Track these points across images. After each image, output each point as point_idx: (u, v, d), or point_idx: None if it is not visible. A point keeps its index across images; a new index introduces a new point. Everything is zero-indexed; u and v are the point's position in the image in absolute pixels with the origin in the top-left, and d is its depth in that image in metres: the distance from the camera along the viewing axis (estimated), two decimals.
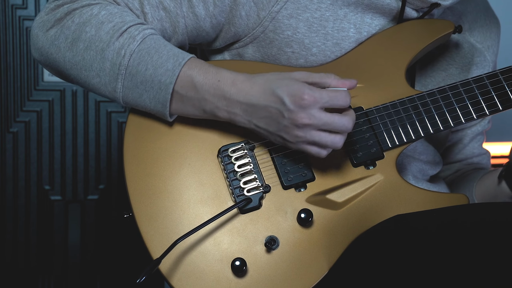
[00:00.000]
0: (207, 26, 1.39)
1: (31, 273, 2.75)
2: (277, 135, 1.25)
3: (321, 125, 1.22)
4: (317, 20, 1.40)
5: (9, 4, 2.70)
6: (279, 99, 1.22)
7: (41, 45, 1.32)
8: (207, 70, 1.27)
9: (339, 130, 1.23)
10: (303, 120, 1.21)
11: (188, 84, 1.26)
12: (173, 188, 1.30)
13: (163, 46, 1.28)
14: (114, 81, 1.27)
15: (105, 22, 1.28)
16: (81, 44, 1.28)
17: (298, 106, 1.21)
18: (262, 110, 1.24)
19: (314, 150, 1.25)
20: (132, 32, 1.27)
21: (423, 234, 1.21)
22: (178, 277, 1.27)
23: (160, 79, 1.26)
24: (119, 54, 1.26)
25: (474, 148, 1.68)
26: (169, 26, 1.36)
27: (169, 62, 1.26)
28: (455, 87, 1.40)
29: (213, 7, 1.37)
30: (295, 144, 1.25)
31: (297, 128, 1.22)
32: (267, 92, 1.23)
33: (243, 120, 1.26)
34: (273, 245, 1.29)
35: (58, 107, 2.74)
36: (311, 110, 1.21)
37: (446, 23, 1.47)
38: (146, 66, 1.26)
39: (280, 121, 1.23)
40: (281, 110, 1.22)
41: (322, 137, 1.23)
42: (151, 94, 1.27)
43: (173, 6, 1.35)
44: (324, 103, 1.22)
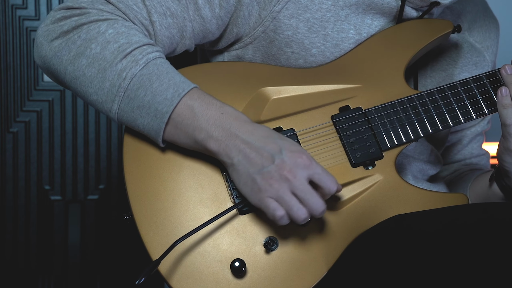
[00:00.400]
0: (213, 28, 1.39)
1: (31, 273, 2.75)
2: (251, 178, 1.22)
3: (300, 190, 1.20)
4: (318, 20, 1.40)
5: (9, 4, 2.70)
6: (278, 148, 1.21)
7: (44, 54, 1.31)
8: (211, 102, 1.25)
9: (310, 205, 1.21)
10: (289, 174, 1.19)
11: (186, 112, 1.24)
12: (173, 190, 1.30)
13: (165, 73, 1.27)
14: (111, 101, 1.27)
15: (111, 41, 1.27)
16: (84, 60, 1.27)
17: (292, 161, 1.20)
18: (255, 150, 1.22)
19: (272, 205, 1.21)
20: (136, 56, 1.26)
21: (422, 234, 1.22)
22: (178, 278, 1.27)
23: (157, 107, 1.25)
24: (120, 76, 1.25)
25: (473, 148, 1.68)
26: (177, 32, 1.35)
27: (168, 91, 1.25)
28: (454, 87, 1.40)
29: (219, 9, 1.37)
30: (261, 192, 1.21)
31: (277, 178, 1.20)
32: (268, 138, 1.23)
33: (231, 154, 1.23)
34: (272, 246, 1.29)
35: (58, 107, 2.74)
36: (300, 171, 1.20)
37: (445, 22, 1.46)
38: (145, 92, 1.25)
39: (265, 165, 1.21)
40: (274, 156, 1.20)
41: (292, 199, 1.20)
42: (145, 120, 1.26)
43: (180, 11, 1.34)
44: (315, 174, 1.21)
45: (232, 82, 1.38)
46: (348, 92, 1.39)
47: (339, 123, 1.37)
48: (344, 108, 1.38)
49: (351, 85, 1.39)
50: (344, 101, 1.38)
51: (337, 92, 1.38)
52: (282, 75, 1.39)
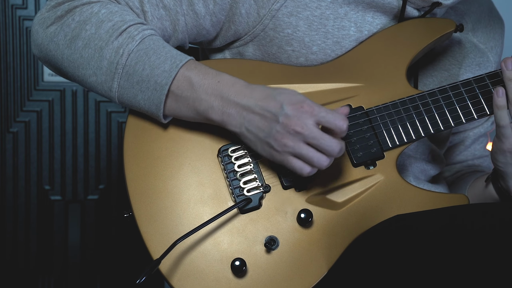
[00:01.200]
0: (207, 24, 1.39)
1: (31, 273, 2.75)
2: (265, 142, 1.24)
3: (311, 138, 1.21)
4: (318, 18, 1.40)
5: (9, 4, 2.70)
6: (279, 104, 1.22)
7: (41, 41, 1.32)
8: (207, 72, 1.27)
9: (325, 149, 1.22)
10: (296, 127, 1.20)
11: (185, 84, 1.25)
12: (173, 188, 1.30)
13: (161, 47, 1.28)
14: (111, 80, 1.27)
15: (105, 20, 1.28)
16: (80, 42, 1.28)
17: (295, 112, 1.21)
18: (257, 114, 1.23)
19: (297, 164, 1.23)
20: (132, 32, 1.27)
21: (423, 235, 1.21)
22: (178, 277, 1.27)
23: (156, 80, 1.25)
24: (117, 53, 1.26)
25: (475, 150, 1.68)
26: (169, 25, 1.36)
27: (166, 63, 1.26)
28: (456, 87, 1.40)
29: (213, 5, 1.37)
30: (281, 154, 1.23)
31: (288, 135, 1.21)
32: (268, 97, 1.23)
33: (235, 123, 1.25)
34: (273, 245, 1.28)
35: (58, 107, 2.74)
36: (306, 119, 1.21)
37: (447, 22, 1.46)
38: (143, 66, 1.26)
39: (272, 125, 1.22)
40: (277, 114, 1.21)
41: (309, 151, 1.22)
42: (146, 94, 1.26)
43: (173, 4, 1.35)
44: (321, 117, 1.22)
45: None
46: (349, 91, 1.38)
47: None
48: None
49: (353, 84, 1.39)
50: (345, 100, 1.38)
51: (339, 91, 1.38)
52: (283, 73, 1.39)
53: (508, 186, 1.40)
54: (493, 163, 1.40)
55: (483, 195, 1.50)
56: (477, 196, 1.52)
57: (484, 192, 1.49)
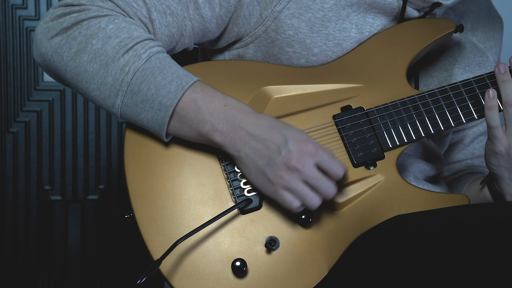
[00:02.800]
0: (213, 27, 1.39)
1: (31, 273, 2.75)
2: (261, 171, 1.24)
3: (310, 177, 1.22)
4: (319, 20, 1.40)
5: (9, 4, 2.70)
6: (283, 138, 1.23)
7: (44, 51, 1.31)
8: (214, 94, 1.26)
9: (323, 191, 1.23)
10: (297, 164, 1.21)
11: (190, 106, 1.25)
12: (174, 189, 1.30)
13: (168, 67, 1.27)
14: (114, 96, 1.26)
15: (112, 36, 1.26)
16: (85, 56, 1.27)
17: (298, 150, 1.22)
18: (261, 142, 1.23)
19: (288, 197, 1.23)
20: (138, 50, 1.26)
21: (423, 235, 1.21)
22: (179, 278, 1.27)
23: (161, 101, 1.25)
24: (123, 71, 1.25)
25: (475, 149, 1.68)
26: (176, 31, 1.35)
27: (172, 85, 1.25)
28: (456, 87, 1.40)
29: (219, 8, 1.37)
30: (273, 185, 1.23)
31: (286, 169, 1.22)
32: (274, 128, 1.24)
33: (237, 147, 1.25)
34: (273, 245, 1.28)
35: (58, 107, 2.74)
36: (308, 159, 1.22)
37: (447, 22, 1.46)
38: (148, 86, 1.25)
39: (273, 157, 1.22)
40: (280, 147, 1.22)
41: (304, 189, 1.23)
42: (149, 114, 1.26)
43: (180, 9, 1.34)
44: (322, 160, 1.23)
45: (234, 81, 1.37)
46: (349, 92, 1.39)
47: (340, 123, 1.36)
48: (345, 108, 1.38)
49: (353, 85, 1.39)
50: (345, 100, 1.38)
51: (339, 92, 1.38)
52: (284, 74, 1.39)
53: (502, 189, 1.40)
54: (487, 165, 1.40)
55: (477, 198, 1.50)
56: (473, 198, 1.52)
57: (479, 195, 1.50)
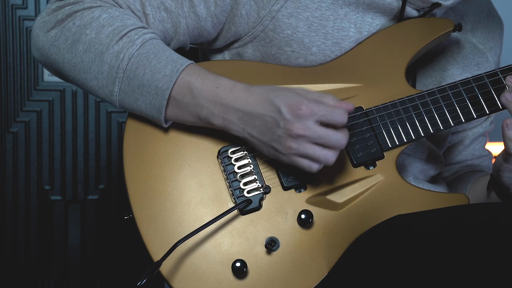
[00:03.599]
0: (208, 26, 1.39)
1: (31, 273, 2.75)
2: (270, 146, 1.24)
3: (315, 138, 1.22)
4: (317, 19, 1.40)
5: (9, 4, 2.70)
6: (276, 108, 1.22)
7: (41, 45, 1.32)
8: (206, 77, 1.26)
9: (332, 145, 1.23)
10: (298, 130, 1.21)
11: (185, 90, 1.25)
12: (173, 190, 1.30)
13: (162, 51, 1.28)
14: (111, 84, 1.27)
15: (106, 25, 1.28)
16: (80, 46, 1.28)
17: (294, 116, 1.21)
18: (258, 119, 1.23)
19: (305, 164, 1.24)
20: (132, 36, 1.27)
21: (423, 235, 1.21)
22: (179, 279, 1.27)
23: (157, 84, 1.25)
24: (118, 58, 1.26)
25: (475, 150, 1.68)
26: (171, 27, 1.36)
27: (167, 68, 1.26)
28: (455, 87, 1.40)
29: (214, 7, 1.37)
30: (287, 156, 1.24)
31: (291, 138, 1.22)
32: (265, 101, 1.23)
33: (238, 128, 1.25)
34: (273, 246, 1.28)
35: (58, 107, 2.74)
36: (307, 121, 1.21)
37: (445, 21, 1.46)
38: (144, 71, 1.26)
39: (274, 130, 1.22)
40: (277, 119, 1.22)
41: (315, 151, 1.23)
42: (147, 99, 1.26)
43: (174, 6, 1.35)
44: (321, 116, 1.22)
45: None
46: (349, 92, 1.38)
47: None
48: None
49: (352, 84, 1.39)
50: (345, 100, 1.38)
51: (338, 91, 1.38)
52: (283, 74, 1.39)
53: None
54: (496, 176, 1.39)
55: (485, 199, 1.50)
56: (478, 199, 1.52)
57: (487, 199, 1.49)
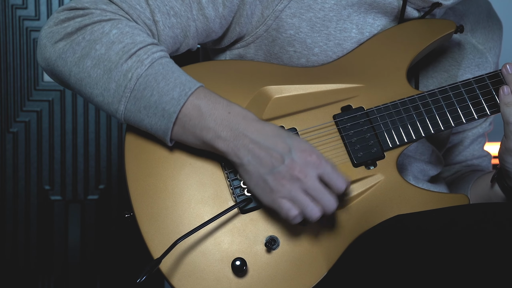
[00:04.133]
0: (216, 27, 1.39)
1: (31, 273, 2.75)
2: (262, 178, 1.23)
3: (312, 188, 1.22)
4: (320, 20, 1.40)
5: (9, 4, 2.70)
6: (287, 147, 1.22)
7: (48, 56, 1.30)
8: (217, 101, 1.25)
9: (323, 203, 1.23)
10: (300, 174, 1.21)
11: (194, 112, 1.24)
12: (174, 188, 1.30)
13: (171, 73, 1.26)
14: (117, 102, 1.26)
15: (116, 42, 1.26)
16: (89, 61, 1.27)
17: (302, 160, 1.21)
18: (264, 151, 1.23)
19: (286, 205, 1.22)
20: (141, 56, 1.25)
21: (423, 234, 1.22)
22: (179, 277, 1.27)
23: (164, 107, 1.24)
24: (126, 77, 1.25)
25: (474, 150, 1.68)
26: (180, 32, 1.35)
27: (175, 91, 1.24)
28: (456, 87, 1.40)
29: (222, 8, 1.37)
30: (274, 193, 1.23)
31: (289, 178, 1.21)
32: (277, 137, 1.23)
33: (240, 154, 1.24)
34: (273, 245, 1.29)
35: (58, 107, 2.74)
36: (310, 170, 1.21)
37: (447, 23, 1.46)
38: (151, 92, 1.25)
39: (276, 165, 1.22)
40: (284, 156, 1.21)
41: (304, 199, 1.22)
42: (153, 120, 1.26)
43: (184, 10, 1.34)
44: (324, 173, 1.23)
45: (234, 81, 1.38)
46: (350, 92, 1.39)
47: (341, 122, 1.37)
48: (346, 108, 1.38)
49: (353, 85, 1.39)
50: (346, 100, 1.38)
51: (339, 92, 1.38)
52: (284, 74, 1.39)
53: None
54: (501, 163, 1.40)
55: (487, 195, 1.50)
56: (482, 195, 1.52)
57: (489, 192, 1.49)
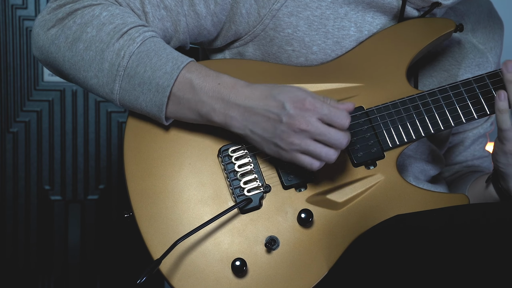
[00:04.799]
0: (208, 25, 1.39)
1: (31, 273, 2.75)
2: (272, 142, 1.24)
3: (317, 134, 1.22)
4: (318, 18, 1.40)
5: (9, 4, 2.70)
6: (280, 104, 1.22)
7: (42, 44, 1.32)
8: (207, 74, 1.27)
9: (333, 143, 1.23)
10: (301, 125, 1.21)
11: (186, 86, 1.25)
12: (174, 188, 1.30)
13: (162, 49, 1.28)
14: (112, 82, 1.27)
15: (106, 23, 1.28)
16: (81, 44, 1.28)
17: (298, 111, 1.21)
18: (260, 115, 1.23)
19: (306, 160, 1.24)
20: (133, 34, 1.27)
21: (423, 234, 1.21)
22: (179, 278, 1.27)
23: (158, 82, 1.25)
24: (118, 55, 1.26)
25: (475, 150, 1.68)
26: (170, 25, 1.36)
27: (167, 65, 1.26)
28: (456, 87, 1.40)
29: (214, 5, 1.37)
30: (288, 152, 1.24)
31: (294, 133, 1.22)
32: (268, 97, 1.23)
33: (239, 125, 1.25)
34: (273, 245, 1.28)
35: (58, 107, 2.74)
36: (310, 117, 1.21)
37: (447, 21, 1.46)
38: (144, 68, 1.26)
39: (277, 126, 1.22)
40: (280, 114, 1.22)
41: (316, 147, 1.23)
42: (147, 96, 1.26)
43: (174, 5, 1.35)
44: (323, 114, 1.22)
45: None
46: (349, 91, 1.39)
47: None
48: None
49: (353, 84, 1.39)
50: (345, 100, 1.38)
51: (339, 91, 1.38)
52: (283, 74, 1.39)
53: (509, 186, 1.40)
54: (494, 163, 1.40)
55: (483, 195, 1.50)
56: (477, 196, 1.52)
57: (484, 193, 1.49)
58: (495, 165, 1.40)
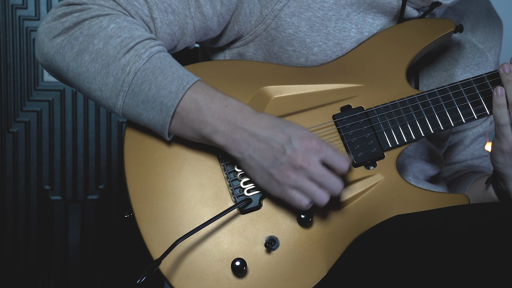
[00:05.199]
0: (214, 25, 1.39)
1: (31, 273, 2.75)
2: (267, 172, 1.24)
3: (316, 175, 1.22)
4: (319, 19, 1.40)
5: (9, 4, 2.70)
6: (287, 137, 1.23)
7: (46, 51, 1.31)
8: (214, 95, 1.26)
9: (329, 187, 1.24)
10: (303, 162, 1.21)
11: (191, 106, 1.24)
12: (174, 189, 1.30)
13: (168, 67, 1.27)
14: (115, 97, 1.26)
15: (114, 36, 1.26)
16: (87, 56, 1.27)
17: (303, 148, 1.22)
18: (264, 143, 1.23)
19: (297, 196, 1.24)
20: (139, 50, 1.26)
21: (423, 234, 1.21)
22: (178, 278, 1.27)
23: (162, 101, 1.25)
24: (124, 71, 1.25)
25: (474, 150, 1.68)
26: (178, 29, 1.35)
27: (173, 85, 1.25)
28: (455, 87, 1.40)
29: (220, 6, 1.37)
30: (281, 185, 1.24)
31: (293, 168, 1.22)
32: (275, 128, 1.24)
33: (239, 148, 1.24)
34: (273, 245, 1.28)
35: (58, 107, 2.74)
36: (313, 157, 1.22)
37: (447, 22, 1.46)
38: (149, 86, 1.25)
39: (278, 157, 1.22)
40: (285, 147, 1.22)
41: (312, 186, 1.23)
42: (151, 114, 1.26)
43: (181, 8, 1.34)
44: (326, 156, 1.23)
45: (233, 81, 1.37)
46: (349, 92, 1.39)
47: (340, 122, 1.36)
48: (345, 108, 1.38)
49: (353, 85, 1.39)
50: (345, 100, 1.38)
51: (339, 92, 1.38)
52: (284, 74, 1.39)
53: (508, 188, 1.40)
54: (492, 164, 1.40)
55: (482, 197, 1.50)
56: (477, 198, 1.52)
57: (483, 194, 1.49)
58: (493, 166, 1.40)
